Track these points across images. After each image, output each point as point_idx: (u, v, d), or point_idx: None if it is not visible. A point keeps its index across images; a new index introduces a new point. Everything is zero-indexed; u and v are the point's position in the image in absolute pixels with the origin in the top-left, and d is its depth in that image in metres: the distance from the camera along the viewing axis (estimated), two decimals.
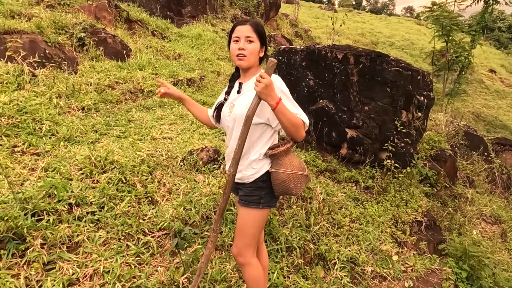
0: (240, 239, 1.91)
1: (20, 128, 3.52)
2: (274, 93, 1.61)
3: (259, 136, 1.82)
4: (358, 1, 68.32)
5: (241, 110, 1.76)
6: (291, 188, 1.79)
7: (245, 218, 1.90)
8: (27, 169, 3.01)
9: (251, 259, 1.91)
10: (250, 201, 1.87)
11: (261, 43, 1.80)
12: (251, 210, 1.87)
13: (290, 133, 1.73)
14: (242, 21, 1.83)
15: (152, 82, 5.77)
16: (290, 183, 1.78)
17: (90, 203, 2.78)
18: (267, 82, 1.56)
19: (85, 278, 2.26)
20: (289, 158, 1.80)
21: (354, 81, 4.21)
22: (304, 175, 1.83)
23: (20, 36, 5.02)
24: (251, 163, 1.83)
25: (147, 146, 3.78)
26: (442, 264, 3.34)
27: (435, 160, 5.28)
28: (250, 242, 1.90)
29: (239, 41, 1.76)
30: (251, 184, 1.87)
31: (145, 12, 9.12)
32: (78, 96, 4.69)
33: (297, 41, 13.91)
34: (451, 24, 10.81)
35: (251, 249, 1.91)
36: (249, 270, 1.92)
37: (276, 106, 1.61)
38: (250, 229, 1.89)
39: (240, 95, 1.86)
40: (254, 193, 1.86)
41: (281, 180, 1.78)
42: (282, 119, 1.67)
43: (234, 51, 1.78)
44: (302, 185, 1.84)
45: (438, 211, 4.67)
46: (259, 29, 1.79)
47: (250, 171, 1.84)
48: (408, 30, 30.02)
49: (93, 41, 6.15)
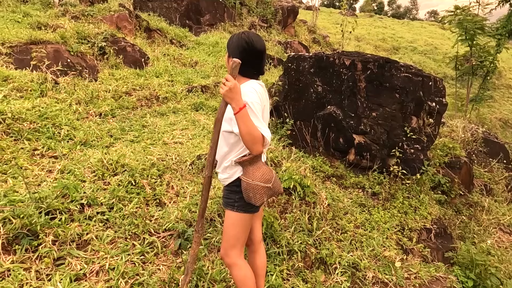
0: (225, 240, 1.99)
1: (41, 133, 3.76)
2: (238, 98, 1.64)
3: (233, 143, 1.87)
4: (379, 6, 67.44)
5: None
6: (250, 197, 1.82)
7: (226, 219, 1.99)
8: (45, 171, 3.22)
9: (236, 259, 1.97)
10: (226, 203, 1.97)
11: (229, 53, 1.88)
12: (228, 212, 1.97)
13: (246, 143, 1.69)
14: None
15: (167, 89, 5.98)
16: (250, 192, 1.81)
17: (101, 203, 2.94)
18: (230, 85, 1.61)
19: (91, 274, 2.40)
20: (254, 168, 1.83)
21: (361, 87, 4.23)
22: (265, 187, 1.82)
23: (45, 46, 5.35)
24: (225, 168, 1.92)
25: (158, 150, 3.94)
26: (447, 272, 3.28)
27: (449, 167, 5.17)
28: (233, 243, 1.96)
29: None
30: (227, 187, 1.96)
31: (164, 21, 9.45)
32: (96, 103, 4.94)
33: (314, 47, 13.93)
34: (475, 28, 10.54)
35: (236, 250, 1.97)
36: (235, 270, 1.98)
37: (239, 111, 1.62)
38: (231, 231, 1.96)
39: None
40: (229, 196, 1.95)
41: (243, 188, 1.84)
42: (241, 127, 1.65)
43: None
44: (262, 197, 1.83)
45: (451, 219, 4.57)
46: (228, 41, 1.88)
47: (225, 175, 1.94)
48: (432, 34, 29.33)
49: (113, 50, 6.45)
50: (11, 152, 3.31)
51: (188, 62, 7.83)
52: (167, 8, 10.26)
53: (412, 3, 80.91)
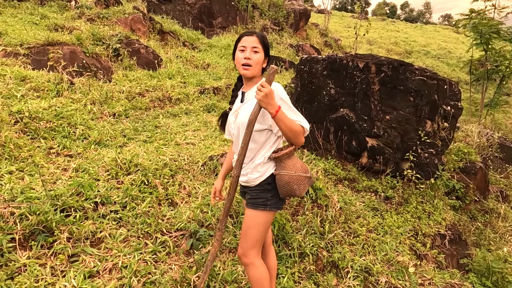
0: (245, 240, 1.98)
1: (57, 132, 3.82)
2: (273, 102, 1.69)
3: (264, 141, 1.90)
4: (392, 9, 66.94)
5: (243, 118, 1.85)
6: (294, 189, 1.86)
7: (251, 220, 1.97)
8: (60, 169, 3.27)
9: (255, 259, 1.97)
10: (257, 204, 1.95)
11: (265, 54, 1.89)
12: (258, 212, 1.94)
13: (289, 139, 1.81)
14: (248, 32, 1.89)
15: (180, 90, 6.03)
16: (294, 184, 1.84)
17: (114, 202, 2.97)
18: (267, 91, 1.65)
19: (104, 271, 2.41)
20: (292, 160, 1.88)
21: (375, 90, 4.19)
22: (307, 176, 1.89)
23: (61, 47, 5.45)
24: (256, 166, 1.91)
25: (171, 150, 3.97)
26: (463, 279, 3.21)
27: (464, 172, 5.08)
28: (255, 243, 1.96)
29: (245, 50, 1.85)
30: (257, 187, 1.93)
31: (177, 24, 9.55)
32: (110, 103, 5.01)
33: (326, 50, 13.89)
34: (490, 32, 10.36)
35: (255, 250, 1.97)
36: (253, 270, 1.98)
37: (276, 114, 1.70)
38: (255, 231, 1.96)
39: (243, 104, 1.94)
40: (260, 196, 1.94)
41: (285, 182, 1.85)
42: (281, 126, 1.74)
43: (239, 59, 1.86)
44: (305, 187, 1.89)
45: (466, 226, 4.48)
46: (265, 41, 1.89)
47: (256, 174, 1.92)
48: (445, 38, 28.99)
49: (127, 51, 6.54)
50: (28, 150, 3.37)
51: (200, 64, 7.90)
52: (180, 11, 10.37)
53: (425, 6, 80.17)
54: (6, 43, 5.25)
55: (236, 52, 1.89)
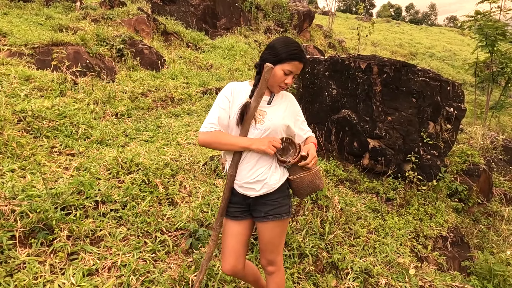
0: (272, 251, 1.90)
1: (59, 131, 3.85)
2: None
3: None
4: (397, 11, 66.74)
5: (277, 121, 1.77)
6: (318, 184, 1.84)
7: (276, 230, 1.86)
8: (62, 168, 3.29)
9: (281, 265, 1.96)
10: (281, 213, 1.83)
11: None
12: (284, 221, 1.86)
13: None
14: (304, 57, 1.74)
15: (183, 91, 6.05)
16: (317, 180, 1.82)
17: (115, 201, 2.98)
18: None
19: (103, 270, 2.42)
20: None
21: (377, 91, 4.18)
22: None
23: (65, 47, 5.50)
24: (275, 169, 1.81)
25: (172, 150, 3.98)
26: (464, 282, 3.18)
27: (467, 174, 5.04)
28: (280, 250, 1.94)
29: (290, 75, 1.73)
30: (279, 193, 1.83)
31: (181, 25, 9.59)
32: (113, 103, 5.04)
33: (330, 51, 13.88)
34: (496, 34, 10.28)
35: (281, 256, 1.96)
36: (279, 276, 1.96)
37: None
38: (279, 239, 1.91)
39: (271, 106, 1.81)
40: (284, 203, 1.85)
41: (308, 181, 1.80)
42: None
43: (279, 80, 1.73)
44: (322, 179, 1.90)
45: (468, 228, 4.45)
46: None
47: (276, 176, 1.81)
48: (450, 40, 28.83)
49: (131, 52, 6.58)
50: (30, 149, 3.40)
51: (204, 65, 7.92)
52: (184, 12, 10.41)
53: (430, 8, 79.82)
54: (11, 43, 5.31)
55: (279, 70, 1.71)
